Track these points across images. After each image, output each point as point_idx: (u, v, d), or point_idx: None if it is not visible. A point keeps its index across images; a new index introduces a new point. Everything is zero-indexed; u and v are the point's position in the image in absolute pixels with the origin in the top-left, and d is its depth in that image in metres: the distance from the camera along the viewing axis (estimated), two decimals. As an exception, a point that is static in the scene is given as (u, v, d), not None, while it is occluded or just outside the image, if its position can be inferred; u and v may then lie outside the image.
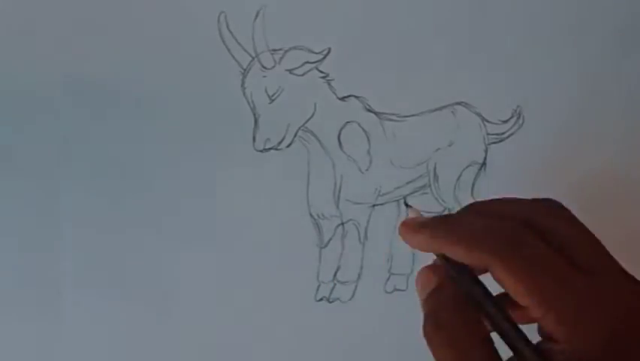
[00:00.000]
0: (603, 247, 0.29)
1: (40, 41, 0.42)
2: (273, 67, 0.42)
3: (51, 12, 0.42)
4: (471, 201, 0.43)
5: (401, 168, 0.43)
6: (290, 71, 0.43)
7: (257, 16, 0.42)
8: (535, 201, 0.30)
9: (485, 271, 0.28)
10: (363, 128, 0.43)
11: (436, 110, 0.43)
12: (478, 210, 0.30)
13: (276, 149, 0.43)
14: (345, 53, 0.43)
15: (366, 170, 0.43)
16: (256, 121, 0.42)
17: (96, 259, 0.42)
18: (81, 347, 0.42)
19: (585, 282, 0.27)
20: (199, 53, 0.42)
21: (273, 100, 0.42)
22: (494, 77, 0.43)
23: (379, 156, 0.43)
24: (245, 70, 0.42)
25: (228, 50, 0.42)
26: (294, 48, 0.42)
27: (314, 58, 0.43)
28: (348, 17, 0.43)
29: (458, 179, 0.43)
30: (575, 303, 0.27)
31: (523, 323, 0.28)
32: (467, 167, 0.43)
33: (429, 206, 0.44)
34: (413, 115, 0.42)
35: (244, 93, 0.42)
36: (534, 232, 0.29)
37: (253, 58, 0.42)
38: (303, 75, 0.43)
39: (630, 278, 0.29)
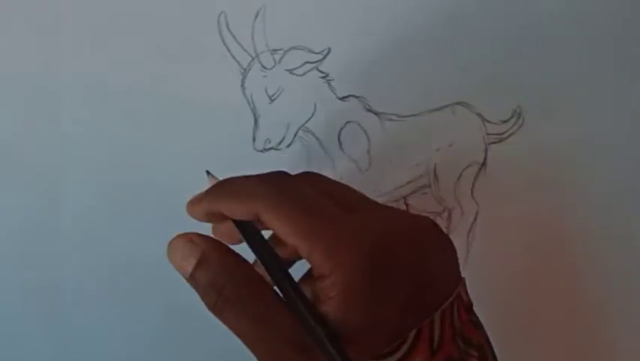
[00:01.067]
0: (359, 192, 0.32)
1: (41, 42, 0.42)
2: (273, 67, 0.42)
3: (51, 12, 0.42)
4: (471, 201, 0.43)
5: (401, 168, 0.43)
6: (290, 71, 0.43)
7: (257, 16, 0.42)
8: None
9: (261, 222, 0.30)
10: (363, 128, 0.43)
11: (436, 110, 0.43)
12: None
13: (276, 149, 0.43)
14: (345, 53, 0.43)
15: (366, 170, 0.43)
16: (256, 121, 0.42)
17: (96, 260, 0.42)
18: (80, 347, 0.42)
19: (346, 218, 0.29)
20: (199, 53, 0.42)
21: (273, 100, 0.42)
22: (494, 77, 0.43)
23: (379, 156, 0.43)
24: (245, 70, 0.42)
25: (228, 50, 0.42)
26: (294, 48, 0.43)
27: (314, 58, 0.43)
28: (348, 17, 0.43)
29: (458, 179, 0.43)
30: (335, 236, 0.29)
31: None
32: (467, 167, 0.43)
33: (429, 206, 0.44)
34: (413, 115, 0.42)
35: (244, 93, 0.42)
36: (298, 180, 0.32)
37: (253, 58, 0.42)
38: (303, 75, 0.43)
39: (386, 208, 0.32)
